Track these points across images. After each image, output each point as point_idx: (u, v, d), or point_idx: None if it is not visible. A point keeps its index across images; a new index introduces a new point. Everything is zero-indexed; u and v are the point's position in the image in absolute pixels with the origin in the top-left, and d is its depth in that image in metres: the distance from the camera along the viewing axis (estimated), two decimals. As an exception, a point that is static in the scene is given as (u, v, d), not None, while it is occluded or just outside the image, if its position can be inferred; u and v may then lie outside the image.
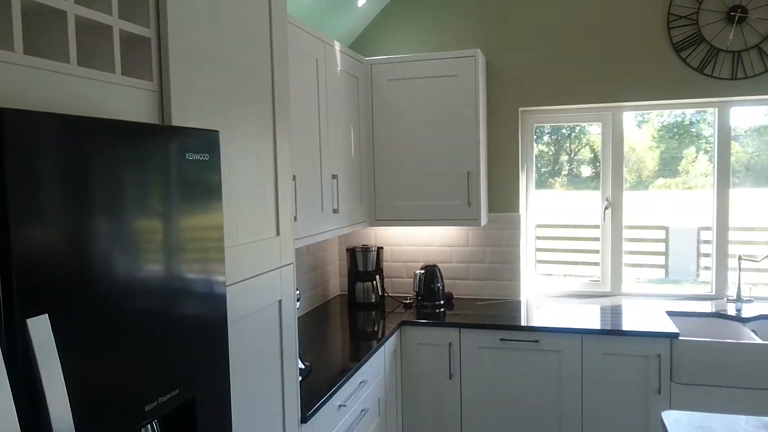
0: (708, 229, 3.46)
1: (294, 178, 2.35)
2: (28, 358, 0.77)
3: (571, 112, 3.52)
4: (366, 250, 3.47)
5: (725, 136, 3.29)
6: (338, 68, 2.94)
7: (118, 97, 1.16)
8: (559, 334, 2.89)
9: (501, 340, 2.96)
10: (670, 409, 2.76)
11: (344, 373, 2.32)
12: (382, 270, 3.57)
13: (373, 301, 3.45)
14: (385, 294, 3.63)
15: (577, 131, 3.73)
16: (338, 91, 2.95)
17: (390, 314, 3.26)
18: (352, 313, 3.34)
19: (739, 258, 3.14)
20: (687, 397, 2.73)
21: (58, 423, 0.77)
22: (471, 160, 3.22)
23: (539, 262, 3.71)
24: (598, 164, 3.62)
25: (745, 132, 3.36)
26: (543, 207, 3.68)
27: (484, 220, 3.32)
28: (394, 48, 3.62)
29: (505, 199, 3.51)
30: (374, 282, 3.46)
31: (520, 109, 3.47)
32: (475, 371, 3.00)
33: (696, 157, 3.56)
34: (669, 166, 3.55)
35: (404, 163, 3.32)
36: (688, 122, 3.55)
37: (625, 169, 3.48)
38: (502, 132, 3.48)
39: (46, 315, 0.80)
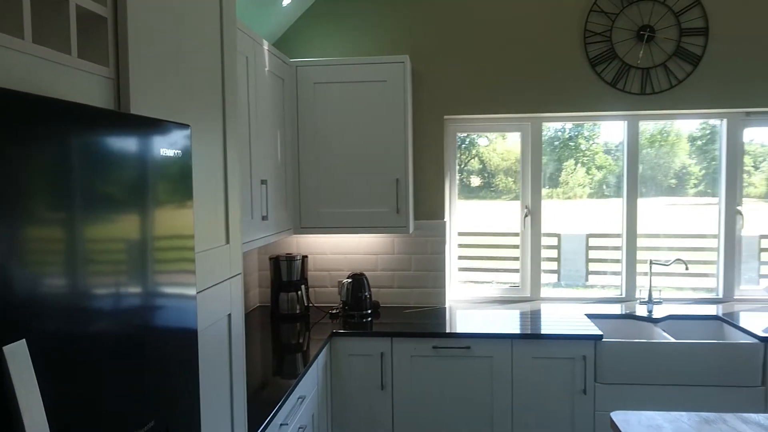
0: (595, 236, 3.75)
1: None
2: (4, 391, 0.61)
3: (493, 122, 3.60)
4: (290, 259, 3.34)
5: (634, 147, 3.50)
6: (266, 68, 2.80)
7: (70, 83, 1.00)
8: (490, 340, 2.92)
9: (434, 348, 2.94)
10: (595, 408, 2.86)
11: (284, 390, 2.18)
12: (306, 279, 3.44)
13: (297, 311, 3.32)
14: (310, 304, 3.50)
15: (467, 143, 3.82)
16: (266, 93, 2.81)
17: (316, 325, 3.14)
18: (276, 325, 3.19)
19: (650, 262, 3.34)
20: (610, 396, 2.84)
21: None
22: (399, 167, 3.19)
23: (461, 270, 3.75)
24: (486, 174, 3.74)
25: (616, 147, 3.61)
26: (458, 216, 3.72)
27: (411, 228, 3.30)
28: (316, 51, 3.52)
29: (430, 207, 3.51)
30: (299, 292, 3.33)
31: (445, 117, 3.50)
32: (407, 381, 2.96)
33: (575, 168, 3.77)
34: (551, 178, 3.72)
35: (331, 169, 3.23)
36: (567, 136, 3.75)
37: (511, 179, 3.62)
38: (428, 139, 3.48)
39: (24, 341, 0.64)
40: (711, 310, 3.32)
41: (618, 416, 1.85)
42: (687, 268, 3.20)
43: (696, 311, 3.29)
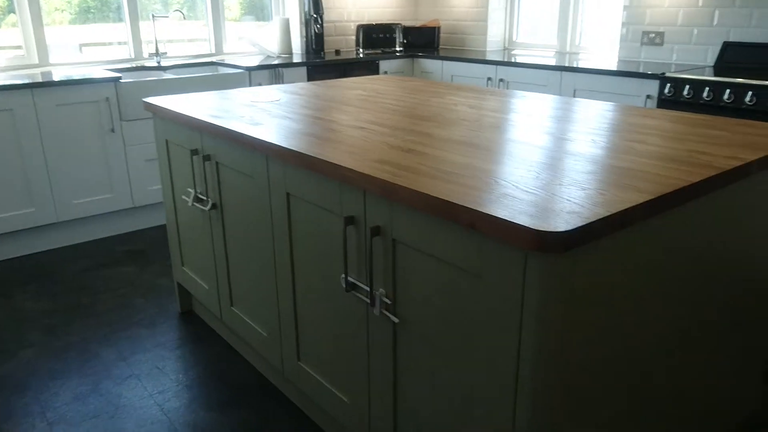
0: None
1: None
2: None
3: None
4: None
5: None
6: None
7: None
8: (6, 92, 2.85)
9: (-60, 106, 2.70)
10: (125, 143, 3.22)
11: None
12: None
13: None
14: None
15: None
16: None
17: None
18: None
19: (153, 16, 3.67)
20: (134, 130, 3.23)
21: None
22: None
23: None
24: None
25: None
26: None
27: None
28: None
29: None
30: None
31: None
32: None
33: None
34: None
35: None
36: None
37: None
38: None
39: None
40: (207, 59, 3.95)
41: (150, 100, 2.24)
42: (185, 17, 3.67)
43: (196, 61, 3.87)
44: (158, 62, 3.68)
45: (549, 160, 1.32)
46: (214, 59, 3.98)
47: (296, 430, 1.78)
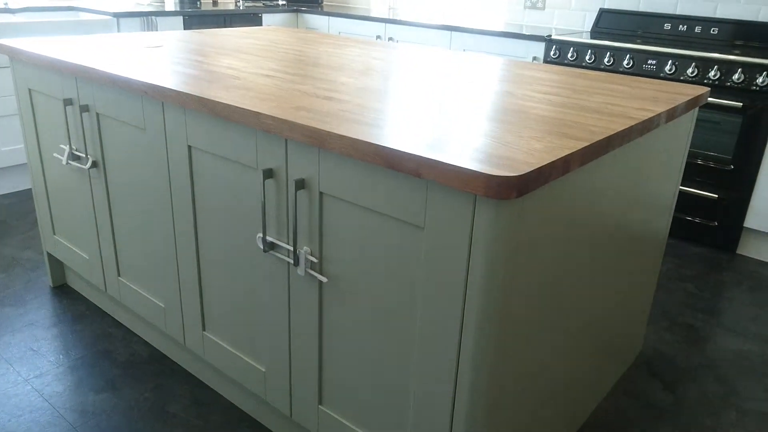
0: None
1: None
2: None
3: None
4: None
5: None
6: None
7: None
8: None
9: None
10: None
11: None
12: None
13: None
14: None
15: None
16: None
17: None
18: None
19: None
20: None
21: None
22: None
23: None
24: None
25: None
26: None
27: None
28: None
29: None
30: None
31: None
32: None
33: None
34: None
35: None
36: None
37: None
38: None
39: None
40: (65, 3, 3.50)
41: (4, 40, 1.92)
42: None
43: (52, 5, 3.41)
44: (5, 4, 3.20)
45: (477, 110, 1.29)
46: (72, 3, 3.54)
47: (202, 405, 1.65)
